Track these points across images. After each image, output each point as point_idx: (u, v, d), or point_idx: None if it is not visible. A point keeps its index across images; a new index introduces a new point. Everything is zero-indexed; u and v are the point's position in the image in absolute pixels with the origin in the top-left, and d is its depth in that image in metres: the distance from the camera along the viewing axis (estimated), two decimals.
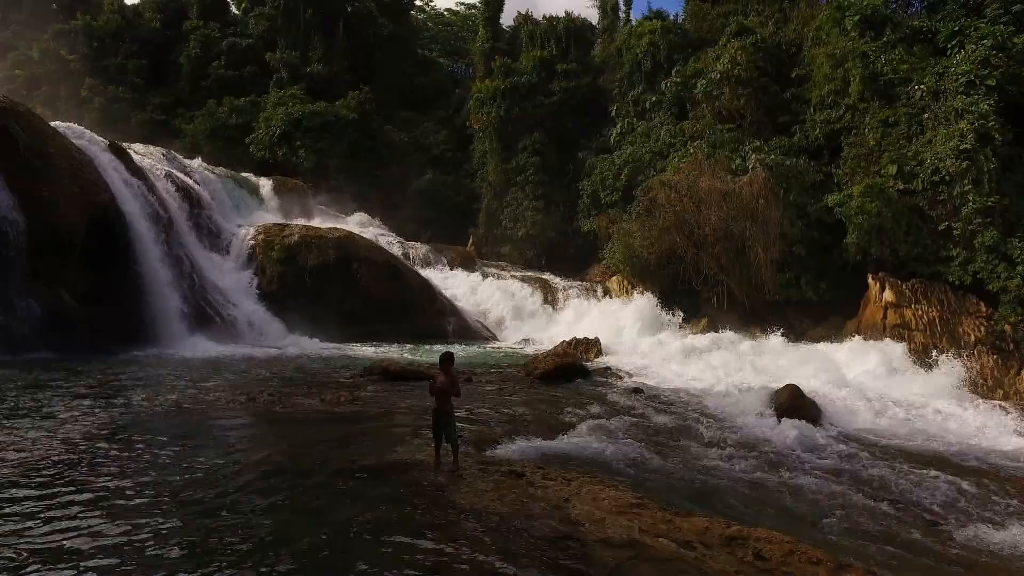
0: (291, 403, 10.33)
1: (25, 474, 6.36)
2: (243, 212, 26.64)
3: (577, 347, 19.06)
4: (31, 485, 6.06)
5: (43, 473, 6.42)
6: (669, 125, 31.17)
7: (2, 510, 5.40)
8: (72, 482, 6.19)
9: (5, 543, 4.77)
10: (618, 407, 11.88)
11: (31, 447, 7.29)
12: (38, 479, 6.23)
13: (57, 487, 6.03)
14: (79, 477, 6.35)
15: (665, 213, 25.62)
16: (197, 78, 43.86)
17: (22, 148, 15.94)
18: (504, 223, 35.46)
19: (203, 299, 19.41)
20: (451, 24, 57.22)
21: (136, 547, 4.79)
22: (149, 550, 4.75)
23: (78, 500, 5.70)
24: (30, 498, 5.72)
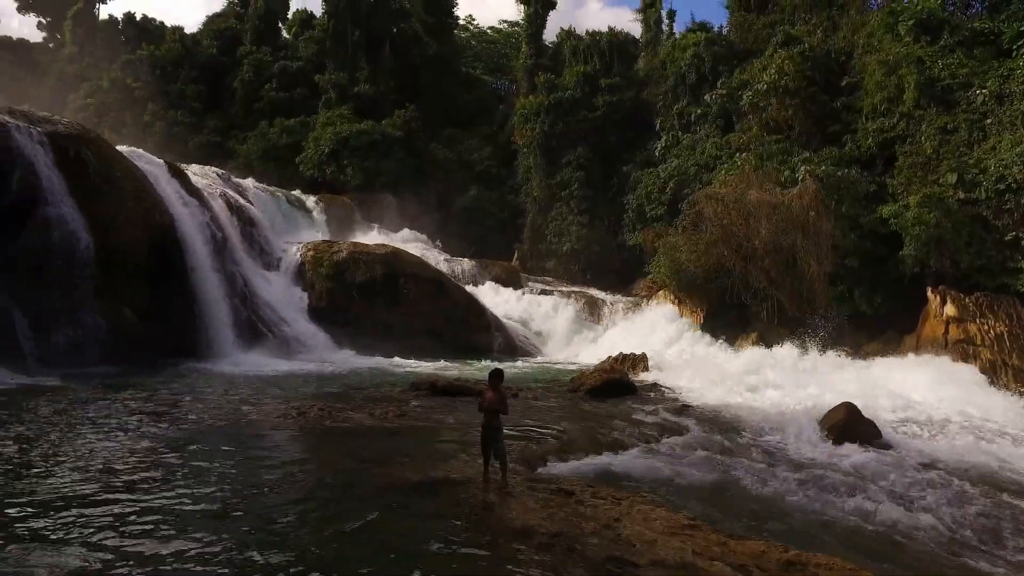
0: (341, 417, 10.46)
1: (90, 484, 6.58)
2: (293, 229, 27.31)
3: (624, 362, 18.83)
4: (93, 496, 6.26)
5: (106, 484, 6.62)
6: (715, 137, 30.78)
7: (65, 519, 5.59)
8: (130, 494, 6.37)
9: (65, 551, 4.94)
10: (667, 424, 11.66)
11: (98, 458, 7.54)
12: (103, 491, 6.43)
13: (114, 498, 6.21)
14: (138, 489, 6.53)
15: (712, 226, 25.21)
16: (250, 101, 45.40)
17: (92, 172, 16.72)
18: (549, 238, 35.46)
19: (255, 314, 19.90)
20: (494, 42, 57.87)
21: (186, 561, 4.89)
22: (198, 564, 4.83)
23: (131, 512, 5.86)
24: (85, 508, 5.90)
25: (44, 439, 8.35)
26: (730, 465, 9.42)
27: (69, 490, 6.35)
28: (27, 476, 6.75)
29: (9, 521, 5.45)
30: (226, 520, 5.79)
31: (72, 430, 8.91)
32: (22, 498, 6.05)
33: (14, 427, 8.94)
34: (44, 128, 16.72)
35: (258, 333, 19.39)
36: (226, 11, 52.56)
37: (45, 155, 16.21)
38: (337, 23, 44.42)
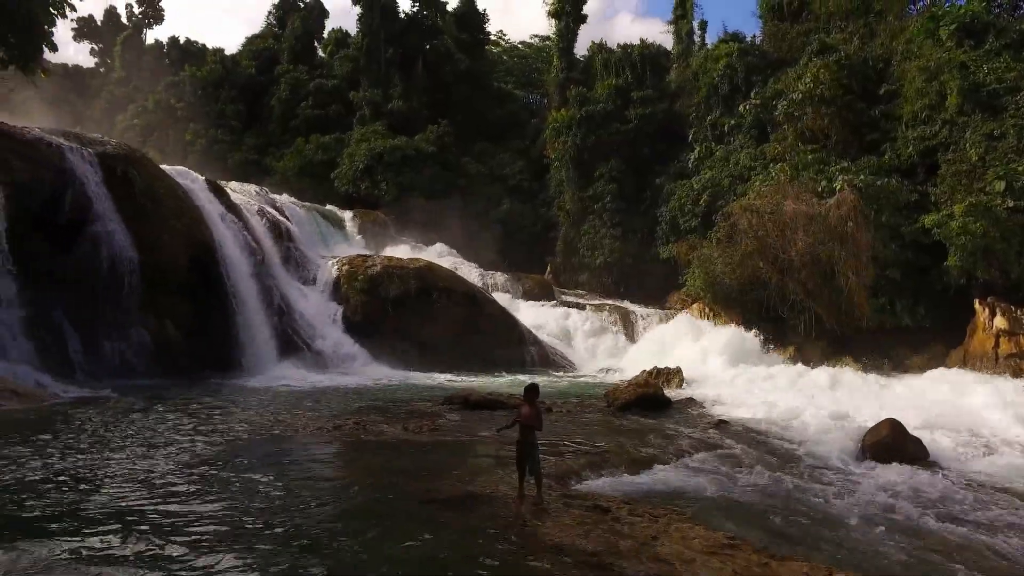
0: (376, 431, 10.54)
1: (136, 497, 6.74)
2: (328, 244, 27.76)
3: (658, 376, 18.61)
4: (138, 509, 6.41)
5: (151, 497, 6.78)
6: (749, 148, 30.44)
7: (111, 531, 5.73)
8: (173, 507, 6.50)
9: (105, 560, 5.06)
10: (703, 440, 11.48)
11: (144, 471, 7.73)
12: (147, 504, 6.58)
13: (157, 511, 6.35)
14: (180, 502, 6.67)
15: (747, 238, 24.88)
16: (287, 118, 46.48)
17: (138, 191, 17.27)
18: (582, 251, 35.39)
19: (291, 328, 20.23)
20: (525, 56, 58.30)
21: (227, 573, 4.96)
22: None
23: (174, 525, 5.97)
24: (131, 521, 6.04)
25: (94, 451, 8.59)
26: (769, 482, 9.22)
27: (116, 503, 6.50)
28: (76, 489, 6.93)
29: (57, 534, 5.60)
30: (266, 533, 5.87)
31: (120, 442, 9.15)
32: (71, 511, 6.22)
33: (66, 439, 9.21)
34: (94, 149, 17.34)
35: (294, 347, 19.70)
36: (264, 32, 54.04)
37: (95, 175, 16.81)
38: (371, 42, 45.29)
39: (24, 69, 17.90)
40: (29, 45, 17.40)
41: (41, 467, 7.70)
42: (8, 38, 16.92)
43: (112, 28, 62.53)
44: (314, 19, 53.00)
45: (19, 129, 16.32)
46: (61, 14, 17.80)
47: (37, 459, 8.03)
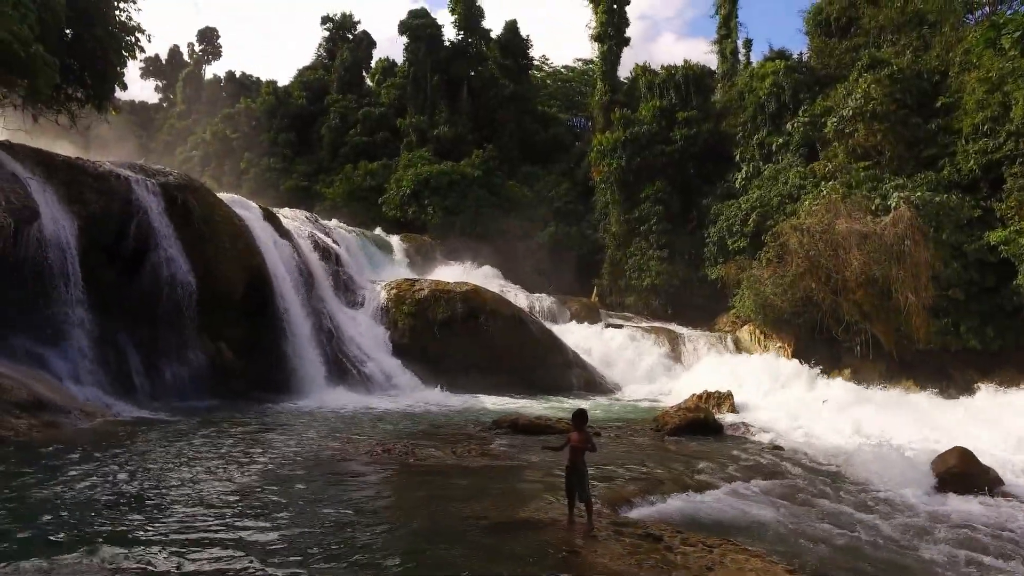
0: (424, 455, 10.59)
1: (195, 520, 6.92)
2: (376, 268, 28.24)
3: (708, 401, 18.24)
4: (198, 530, 6.57)
5: (208, 520, 6.95)
6: (798, 167, 29.89)
7: (173, 553, 5.88)
8: (229, 531, 6.64)
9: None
10: (757, 467, 11.16)
11: (201, 493, 7.94)
12: (205, 526, 6.75)
13: (214, 535, 6.49)
14: (237, 525, 6.81)
15: (798, 259, 24.35)
16: (336, 146, 47.81)
17: (196, 219, 17.95)
18: (628, 273, 35.13)
19: (340, 352, 20.56)
20: (568, 80, 58.75)
21: None
22: None
23: (230, 547, 6.10)
24: (190, 545, 6.19)
25: (156, 471, 8.85)
26: (828, 512, 8.89)
27: (179, 524, 6.66)
28: (142, 509, 7.14)
29: (125, 553, 5.78)
30: (320, 557, 5.94)
31: (180, 464, 9.41)
32: (137, 530, 6.41)
33: (131, 458, 9.53)
34: (157, 180, 18.11)
35: (344, 370, 19.99)
36: (315, 63, 55.91)
37: (157, 204, 17.53)
38: (417, 70, 46.37)
39: (98, 107, 18.96)
40: (104, 85, 18.46)
41: (108, 485, 7.98)
42: (86, 79, 17.95)
43: (175, 66, 65.86)
44: (362, 50, 54.62)
45: (92, 163, 17.20)
46: (132, 55, 18.85)
47: (104, 477, 8.33)
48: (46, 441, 10.53)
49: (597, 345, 26.65)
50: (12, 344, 13.73)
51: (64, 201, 15.64)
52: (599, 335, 27.55)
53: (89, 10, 17.40)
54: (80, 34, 17.42)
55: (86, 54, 17.68)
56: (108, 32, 17.87)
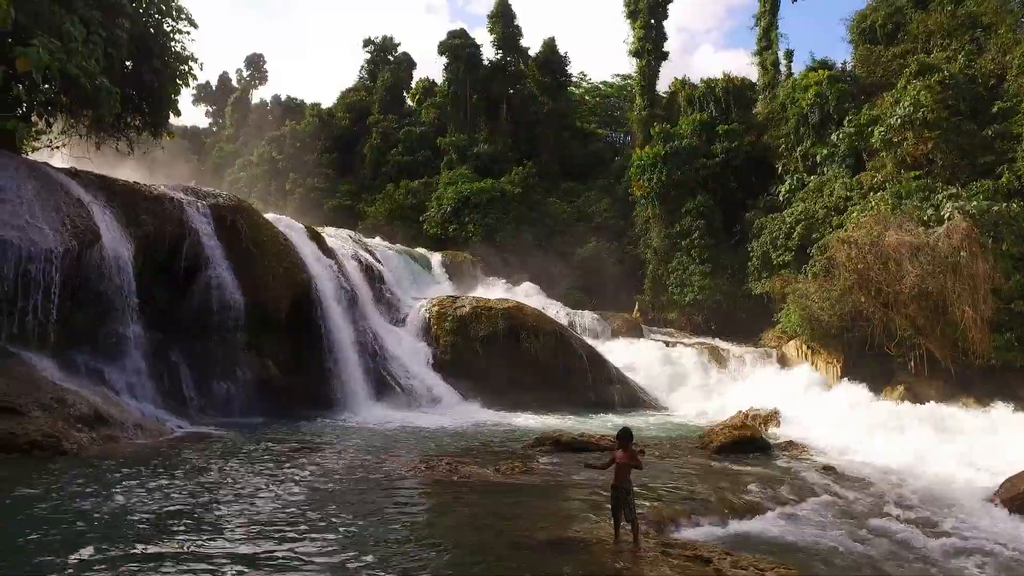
0: (467, 472, 10.61)
1: (251, 534, 7.07)
2: (418, 285, 28.54)
3: (755, 418, 17.84)
4: (250, 545, 6.70)
5: (258, 536, 7.08)
6: (844, 178, 29.23)
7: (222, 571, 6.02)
8: (276, 544, 6.75)
9: None
10: (808, 487, 10.84)
11: (251, 509, 8.11)
12: (255, 543, 6.88)
13: (264, 551, 6.61)
14: (284, 539, 6.92)
15: (846, 272, 23.73)
16: (378, 165, 48.73)
17: (244, 238, 18.48)
18: (670, 289, 34.73)
19: (383, 368, 20.79)
20: (607, 96, 58.81)
21: None
22: None
23: (278, 564, 6.19)
24: (242, 562, 6.32)
25: (211, 488, 9.06)
26: (883, 535, 8.58)
27: (234, 541, 6.79)
28: (200, 528, 7.31)
29: (186, 570, 5.93)
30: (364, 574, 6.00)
31: (232, 479, 9.63)
32: (196, 551, 6.56)
33: (185, 473, 9.80)
34: (207, 201, 18.73)
35: (387, 387, 20.20)
36: (357, 85, 57.25)
37: (208, 225, 18.11)
38: (457, 89, 47.06)
39: (154, 133, 19.75)
40: (160, 112, 19.25)
41: (168, 501, 8.22)
42: (143, 107, 18.75)
43: (224, 91, 68.28)
44: (403, 70, 55.72)
45: (148, 187, 17.91)
46: (185, 83, 19.63)
47: (164, 492, 8.60)
48: (106, 455, 10.92)
49: (640, 361, 26.35)
50: (74, 359, 14.30)
51: (122, 223, 16.30)
52: (642, 351, 27.25)
53: (148, 42, 18.19)
54: (139, 65, 18.22)
55: (144, 83, 18.47)
56: (164, 62, 18.65)
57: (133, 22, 17.33)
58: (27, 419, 11.10)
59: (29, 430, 10.81)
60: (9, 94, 14.75)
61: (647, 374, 25.73)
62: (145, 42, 18.11)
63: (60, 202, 14.73)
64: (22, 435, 10.67)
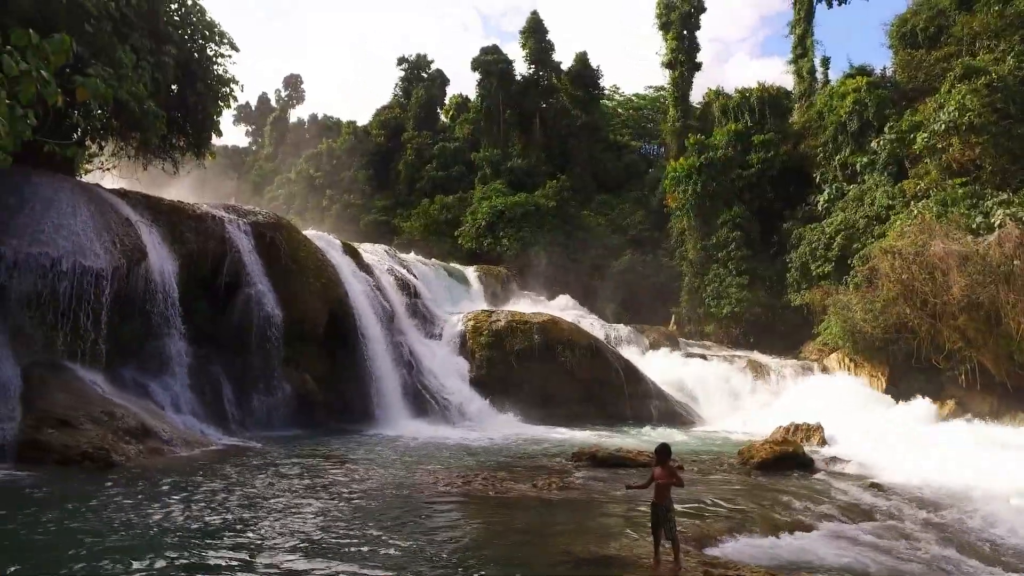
0: (504, 488, 10.57)
1: (294, 548, 7.15)
2: (453, 300, 28.67)
3: (796, 433, 17.44)
4: (297, 561, 6.77)
5: (294, 551, 7.15)
6: (885, 186, 28.55)
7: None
8: (310, 559, 6.80)
9: None
10: (854, 506, 10.51)
11: (288, 522, 8.20)
12: (292, 558, 6.95)
13: (311, 565, 6.67)
14: (320, 554, 6.97)
15: (889, 283, 23.12)
16: (413, 181, 49.29)
17: (283, 255, 18.86)
18: (707, 301, 34.25)
19: (419, 383, 20.90)
20: (640, 108, 58.64)
21: None
22: None
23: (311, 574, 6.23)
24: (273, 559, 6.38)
25: (253, 500, 9.21)
26: (938, 559, 8.25)
27: (276, 557, 6.87)
28: (244, 541, 7.42)
29: None
30: None
31: (273, 494, 9.76)
32: (240, 564, 6.65)
33: (229, 488, 9.96)
34: (248, 219, 19.18)
35: (423, 401, 20.30)
36: (391, 103, 58.13)
37: (248, 242, 18.54)
38: (490, 104, 47.44)
39: (197, 154, 20.38)
40: (203, 133, 19.90)
41: (212, 513, 8.39)
42: (187, 128, 19.39)
43: (263, 111, 70.06)
44: (436, 87, 56.39)
45: (191, 205, 18.44)
46: (227, 105, 20.26)
47: (208, 504, 8.78)
48: (152, 467, 11.19)
49: (676, 375, 26.01)
50: (122, 374, 14.74)
51: (167, 241, 16.80)
52: (678, 364, 26.91)
53: (192, 66, 18.84)
54: (184, 88, 18.88)
55: (188, 106, 19.11)
56: (207, 85, 19.28)
57: (179, 48, 17.98)
58: (80, 431, 11.47)
59: (81, 442, 11.16)
60: (66, 121, 15.38)
61: (684, 388, 25.38)
62: (189, 66, 18.74)
63: (110, 222, 15.25)
64: (75, 447, 11.03)
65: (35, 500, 8.90)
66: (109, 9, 14.87)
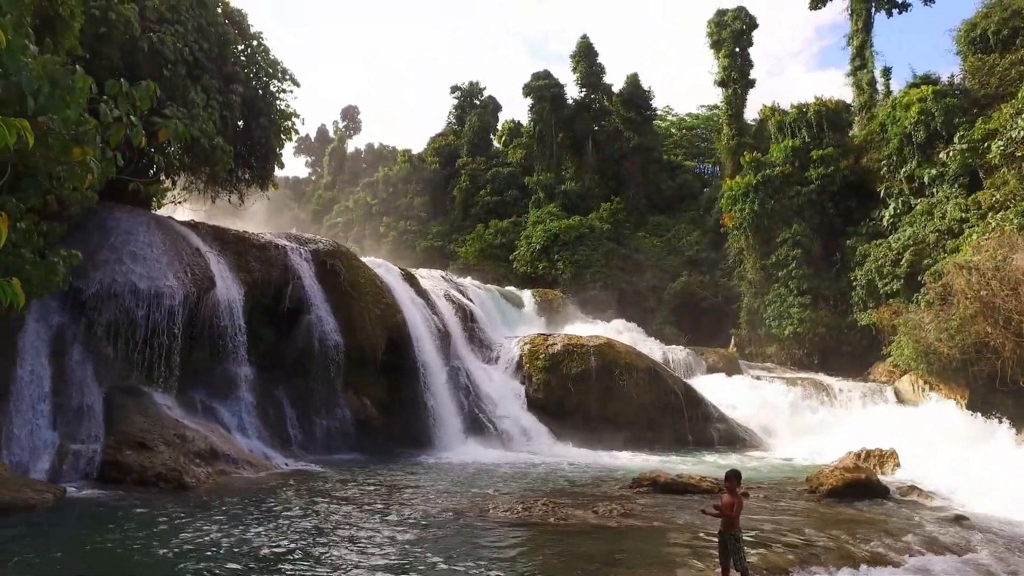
0: (565, 514, 10.43)
1: (357, 571, 7.23)
2: (509, 324, 28.73)
3: (868, 459, 16.64)
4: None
5: (362, 572, 7.22)
6: (958, 199, 27.32)
7: None
8: None
9: None
10: (938, 539, 9.90)
11: (351, 546, 8.30)
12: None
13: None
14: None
15: (966, 300, 22.00)
16: (467, 206, 49.99)
17: (342, 281, 19.35)
18: (768, 322, 33.31)
19: (477, 407, 20.94)
20: (692, 127, 58.12)
21: None
22: None
23: None
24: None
25: (319, 524, 9.37)
26: None
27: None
28: (312, 569, 7.55)
29: None
30: None
31: (339, 518, 9.92)
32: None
33: (296, 511, 10.18)
34: (308, 247, 19.79)
35: (480, 425, 20.31)
36: (445, 130, 59.36)
37: (309, 269, 19.10)
38: (542, 129, 47.85)
39: (262, 185, 21.26)
40: (266, 166, 20.75)
41: (282, 535, 8.62)
42: (252, 162, 20.28)
43: (322, 142, 72.70)
44: (489, 113, 57.31)
45: (255, 235, 19.18)
46: (288, 138, 21.15)
47: (277, 526, 9.01)
48: (220, 489, 11.53)
49: (738, 398, 25.27)
50: (192, 398, 15.32)
51: (234, 270, 17.48)
52: (740, 387, 26.15)
53: (256, 102, 19.77)
54: (249, 123, 19.80)
55: (253, 140, 20.03)
56: (270, 120, 20.16)
57: (244, 86, 18.90)
58: (155, 453, 11.97)
59: (156, 463, 11.64)
60: (143, 159, 16.33)
61: (746, 411, 24.62)
62: (254, 103, 19.64)
63: (182, 252, 15.99)
64: (151, 468, 11.53)
65: (120, 520, 9.33)
66: (184, 54, 15.83)
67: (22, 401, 12.16)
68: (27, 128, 2.72)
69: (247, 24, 19.83)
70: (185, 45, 16.37)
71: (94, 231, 14.73)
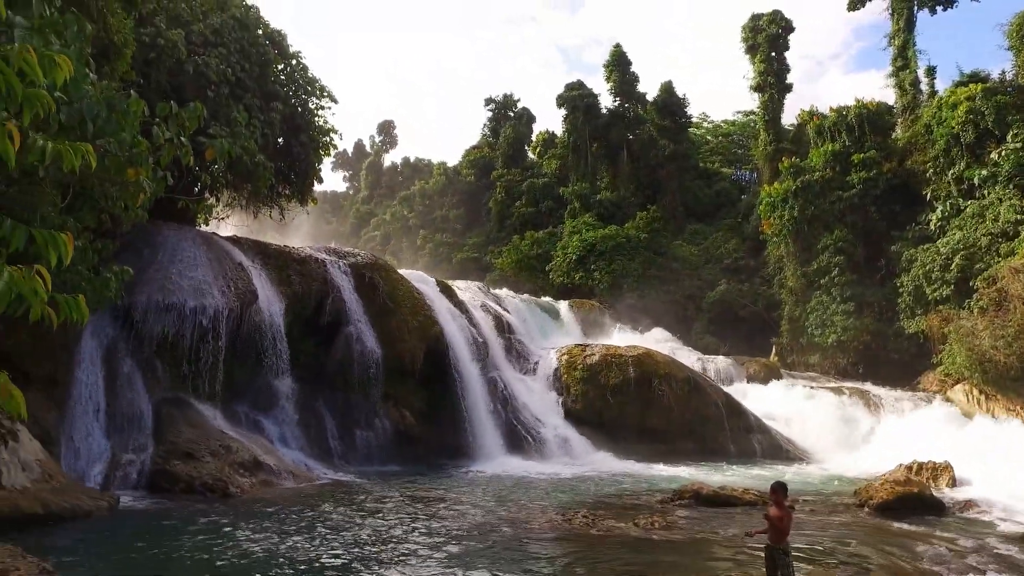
0: (605, 526, 10.32)
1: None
2: (546, 334, 28.66)
3: (921, 472, 16.07)
4: None
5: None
6: (1012, 200, 26.32)
7: None
8: None
9: None
10: (1004, 559, 9.45)
11: (394, 559, 8.34)
12: None
13: None
14: None
15: (1023, 305, 21.17)
16: (503, 217, 50.17)
17: (381, 294, 19.59)
18: (810, 330, 32.52)
19: (515, 418, 20.91)
20: (729, 134, 57.37)
21: None
22: None
23: None
24: None
25: (361, 534, 9.46)
26: None
27: None
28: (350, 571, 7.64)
29: None
30: None
31: (381, 529, 9.99)
32: None
33: (339, 522, 10.29)
34: (347, 260, 20.11)
35: (518, 436, 20.26)
36: (480, 143, 59.84)
37: (348, 282, 19.40)
38: (577, 139, 47.82)
39: (301, 200, 21.74)
40: (305, 181, 21.21)
41: (326, 545, 8.75)
42: (292, 177, 20.76)
43: (359, 157, 73.95)
44: (523, 124, 57.57)
45: (295, 249, 19.59)
46: (327, 153, 21.59)
47: (321, 536, 9.14)
48: (264, 499, 11.73)
49: (780, 408, 24.71)
50: (236, 410, 15.65)
51: (275, 283, 17.85)
52: (782, 397, 25.56)
53: (296, 120, 20.28)
54: (289, 140, 20.29)
55: (293, 156, 20.52)
56: (310, 136, 20.64)
57: (284, 104, 19.39)
58: (201, 463, 12.26)
59: (203, 473, 11.93)
60: (189, 177, 16.87)
61: (789, 422, 24.05)
62: (294, 120, 20.13)
63: (225, 267, 16.41)
64: (197, 478, 11.82)
65: (172, 528, 9.57)
66: (227, 75, 16.33)
67: (80, 412, 12.61)
68: (91, 152, 2.86)
69: (286, 44, 20.38)
70: (228, 66, 16.90)
71: (143, 248, 15.23)
